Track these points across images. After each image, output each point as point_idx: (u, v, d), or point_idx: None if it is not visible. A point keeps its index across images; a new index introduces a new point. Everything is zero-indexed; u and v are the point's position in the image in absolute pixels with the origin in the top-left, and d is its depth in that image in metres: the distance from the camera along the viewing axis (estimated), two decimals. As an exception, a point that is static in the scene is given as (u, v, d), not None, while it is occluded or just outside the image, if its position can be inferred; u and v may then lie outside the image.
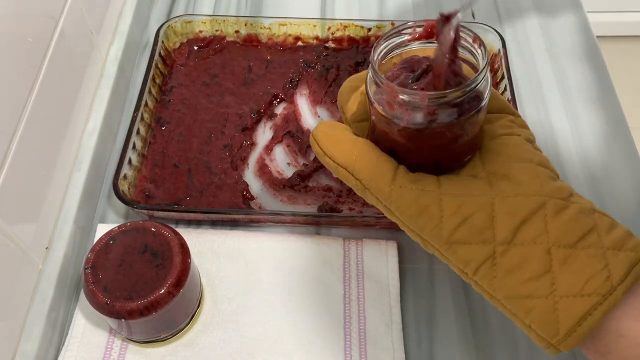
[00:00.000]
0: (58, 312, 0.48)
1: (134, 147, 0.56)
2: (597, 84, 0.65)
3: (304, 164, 0.57)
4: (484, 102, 0.33)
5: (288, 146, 0.60)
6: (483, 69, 0.32)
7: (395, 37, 0.35)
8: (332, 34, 0.66)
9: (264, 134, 0.61)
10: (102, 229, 0.52)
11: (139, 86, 0.60)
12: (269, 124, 0.61)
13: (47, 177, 0.49)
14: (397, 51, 0.36)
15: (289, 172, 0.57)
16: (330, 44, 0.67)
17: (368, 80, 0.35)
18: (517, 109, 0.58)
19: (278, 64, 0.66)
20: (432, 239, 0.35)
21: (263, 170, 0.58)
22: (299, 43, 0.67)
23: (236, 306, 0.49)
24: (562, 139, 0.61)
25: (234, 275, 0.50)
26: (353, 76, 0.41)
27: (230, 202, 0.55)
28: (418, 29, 0.35)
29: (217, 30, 0.67)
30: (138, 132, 0.57)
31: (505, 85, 0.60)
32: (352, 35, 0.66)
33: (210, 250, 0.51)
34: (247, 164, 0.58)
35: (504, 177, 0.35)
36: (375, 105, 0.34)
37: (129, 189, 0.54)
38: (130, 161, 0.55)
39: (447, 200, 0.34)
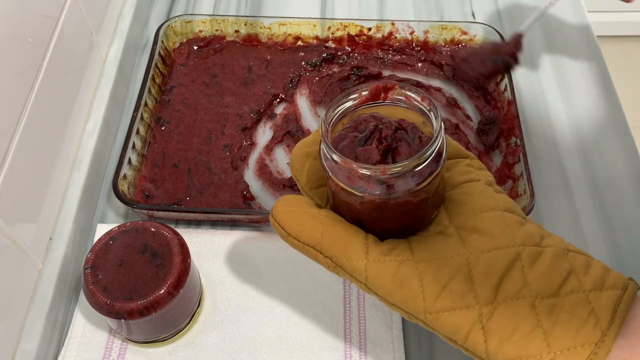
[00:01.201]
0: (58, 312, 0.48)
1: (133, 147, 0.56)
2: (598, 83, 0.65)
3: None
4: (444, 157, 0.33)
5: (288, 146, 0.60)
6: (438, 130, 0.32)
7: (343, 104, 0.34)
8: (332, 33, 0.66)
9: (264, 134, 0.61)
10: (101, 229, 0.52)
11: (139, 86, 0.60)
12: (269, 124, 0.61)
13: (46, 177, 0.49)
14: (347, 116, 0.35)
15: (289, 172, 0.57)
16: (331, 44, 0.67)
17: (322, 152, 0.33)
18: (517, 109, 0.58)
19: (278, 64, 0.66)
20: (415, 311, 0.34)
21: (263, 170, 0.58)
22: (299, 43, 0.67)
23: (236, 306, 0.49)
24: (563, 139, 0.61)
25: (233, 275, 0.50)
26: (303, 141, 0.39)
27: (230, 202, 0.55)
28: (364, 92, 0.34)
29: (217, 30, 0.67)
30: (138, 132, 0.57)
31: (506, 85, 0.60)
32: (352, 35, 0.66)
33: (210, 250, 0.51)
34: (247, 164, 0.58)
35: (474, 230, 0.34)
36: (334, 178, 0.33)
37: (128, 189, 0.54)
38: (130, 161, 0.55)
39: (423, 269, 0.33)
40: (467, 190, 0.36)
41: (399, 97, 0.34)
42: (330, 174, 0.33)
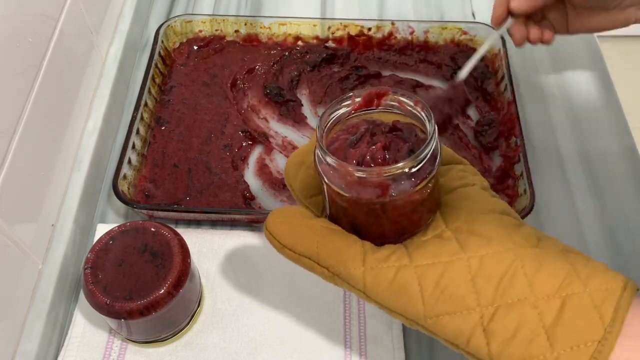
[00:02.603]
0: (58, 312, 0.48)
1: (133, 147, 0.56)
2: (598, 83, 0.65)
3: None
4: (439, 160, 0.33)
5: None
6: (432, 133, 0.32)
7: (336, 111, 0.35)
8: (332, 33, 0.66)
9: (264, 133, 0.61)
10: (101, 229, 0.52)
11: (139, 86, 0.60)
12: (269, 124, 0.61)
13: (47, 177, 0.49)
14: (341, 122, 0.35)
15: (289, 172, 0.57)
16: (331, 44, 0.67)
17: (317, 158, 0.33)
18: (517, 109, 0.58)
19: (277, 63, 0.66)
20: (415, 316, 0.33)
21: (263, 170, 0.58)
22: (299, 43, 0.67)
23: (236, 306, 0.49)
24: (562, 139, 0.61)
25: (233, 275, 0.50)
26: (297, 151, 0.39)
27: (230, 202, 0.55)
28: (357, 99, 0.35)
29: (216, 30, 0.67)
30: (138, 132, 0.57)
31: (506, 85, 0.60)
32: (352, 35, 0.66)
33: (210, 250, 0.51)
34: (247, 164, 0.58)
35: (472, 233, 0.34)
36: (329, 184, 0.33)
37: (128, 188, 0.54)
38: (130, 161, 0.55)
39: (421, 273, 0.33)
40: (463, 194, 0.36)
41: (392, 103, 0.34)
42: (325, 179, 0.33)
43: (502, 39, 0.62)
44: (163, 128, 0.60)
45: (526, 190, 0.52)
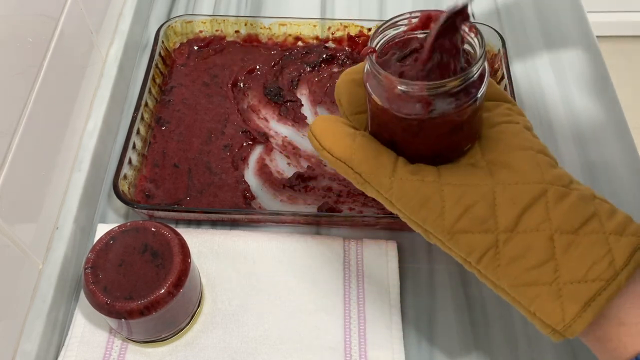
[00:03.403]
0: (58, 312, 0.48)
1: (134, 147, 0.56)
2: (597, 83, 0.65)
3: (308, 166, 0.57)
4: (483, 90, 0.33)
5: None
6: (481, 57, 0.32)
7: (391, 28, 0.35)
8: (332, 33, 0.66)
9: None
10: (102, 229, 0.52)
11: (139, 86, 0.60)
12: (269, 124, 0.61)
13: (47, 177, 0.49)
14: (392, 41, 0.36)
15: (289, 172, 0.57)
16: (331, 44, 0.67)
17: (365, 71, 0.34)
18: (517, 108, 0.58)
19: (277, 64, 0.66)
20: (434, 229, 0.35)
21: (263, 170, 0.58)
22: (299, 43, 0.67)
23: (236, 306, 0.49)
24: (562, 138, 0.61)
25: (234, 275, 0.50)
26: (349, 69, 0.41)
27: (231, 202, 0.55)
28: (414, 20, 0.35)
29: (217, 30, 0.67)
30: (138, 132, 0.57)
31: (505, 85, 0.60)
32: (352, 35, 0.66)
33: (210, 250, 0.51)
34: (247, 164, 0.58)
35: (505, 166, 0.35)
36: (374, 97, 0.34)
37: (129, 188, 0.54)
38: (130, 161, 0.55)
39: (448, 191, 0.34)
40: (504, 129, 0.37)
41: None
42: (371, 91, 0.33)
43: (502, 39, 0.62)
44: (163, 128, 0.60)
45: (526, 190, 0.52)
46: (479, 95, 0.33)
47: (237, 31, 0.67)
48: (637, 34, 1.71)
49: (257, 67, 0.65)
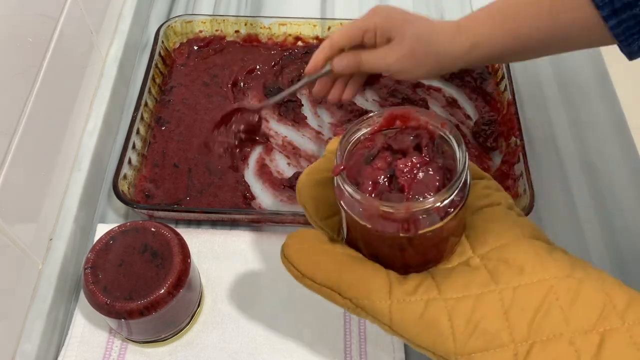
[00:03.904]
0: (58, 312, 0.48)
1: (133, 147, 0.56)
2: (597, 83, 0.65)
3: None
4: (469, 186, 0.30)
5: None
6: (464, 161, 0.29)
7: (356, 132, 0.32)
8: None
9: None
10: (102, 229, 0.52)
11: (139, 86, 0.60)
12: (269, 124, 0.61)
13: (47, 177, 0.49)
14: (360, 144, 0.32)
15: (289, 172, 0.57)
16: (330, 44, 0.67)
17: (337, 186, 0.31)
18: (517, 109, 0.58)
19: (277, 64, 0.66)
20: (445, 353, 0.31)
21: (263, 170, 0.58)
22: (299, 43, 0.67)
23: (236, 306, 0.49)
24: (562, 138, 0.61)
25: (234, 275, 0.50)
26: (310, 167, 0.37)
27: (230, 202, 0.55)
28: (378, 119, 0.32)
29: (217, 30, 0.67)
30: (138, 132, 0.57)
31: (506, 85, 0.60)
32: (352, 35, 0.66)
33: (210, 250, 0.51)
34: (247, 164, 0.58)
35: (502, 262, 0.32)
36: (350, 214, 0.30)
37: (128, 188, 0.54)
38: (130, 161, 0.55)
39: (452, 307, 0.31)
40: (489, 216, 0.34)
41: (415, 124, 0.32)
42: (347, 209, 0.30)
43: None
44: (163, 128, 0.60)
45: (526, 191, 0.52)
46: (467, 194, 0.30)
47: (237, 31, 0.67)
48: (637, 34, 1.70)
49: (257, 67, 0.65)
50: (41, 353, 0.46)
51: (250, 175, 0.57)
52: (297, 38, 0.67)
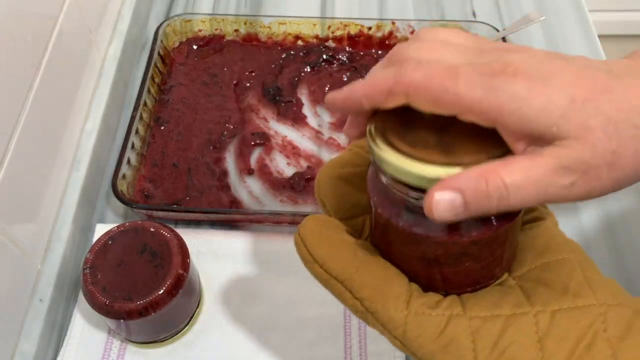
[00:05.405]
0: (57, 313, 0.48)
1: (132, 146, 0.56)
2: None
3: (308, 166, 0.57)
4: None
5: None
6: None
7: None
8: (332, 33, 0.66)
9: (263, 133, 0.60)
10: (100, 229, 0.52)
11: (138, 85, 0.60)
12: (269, 124, 0.61)
13: (45, 177, 0.49)
14: None
15: (289, 172, 0.57)
16: (331, 43, 0.66)
17: (370, 177, 0.27)
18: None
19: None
20: None
21: (263, 170, 0.57)
22: (299, 42, 0.67)
23: (236, 307, 0.48)
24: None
25: (233, 275, 0.50)
26: (333, 160, 0.32)
27: (230, 202, 0.55)
28: None
29: (216, 30, 0.67)
30: (137, 132, 0.57)
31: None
32: (352, 34, 0.66)
33: (210, 250, 0.51)
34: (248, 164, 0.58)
35: (540, 283, 0.27)
36: (381, 212, 0.27)
37: (127, 188, 0.54)
38: (129, 161, 0.55)
39: (477, 327, 0.27)
40: (532, 232, 0.30)
41: None
42: (378, 208, 0.27)
43: (503, 38, 0.62)
44: (162, 128, 0.60)
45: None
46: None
47: (236, 30, 0.67)
48: (638, 34, 1.71)
49: (257, 66, 0.65)
50: (40, 353, 0.45)
51: (250, 175, 0.57)
52: (297, 37, 0.67)
